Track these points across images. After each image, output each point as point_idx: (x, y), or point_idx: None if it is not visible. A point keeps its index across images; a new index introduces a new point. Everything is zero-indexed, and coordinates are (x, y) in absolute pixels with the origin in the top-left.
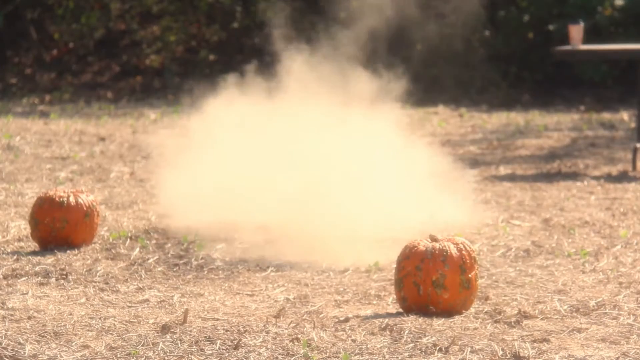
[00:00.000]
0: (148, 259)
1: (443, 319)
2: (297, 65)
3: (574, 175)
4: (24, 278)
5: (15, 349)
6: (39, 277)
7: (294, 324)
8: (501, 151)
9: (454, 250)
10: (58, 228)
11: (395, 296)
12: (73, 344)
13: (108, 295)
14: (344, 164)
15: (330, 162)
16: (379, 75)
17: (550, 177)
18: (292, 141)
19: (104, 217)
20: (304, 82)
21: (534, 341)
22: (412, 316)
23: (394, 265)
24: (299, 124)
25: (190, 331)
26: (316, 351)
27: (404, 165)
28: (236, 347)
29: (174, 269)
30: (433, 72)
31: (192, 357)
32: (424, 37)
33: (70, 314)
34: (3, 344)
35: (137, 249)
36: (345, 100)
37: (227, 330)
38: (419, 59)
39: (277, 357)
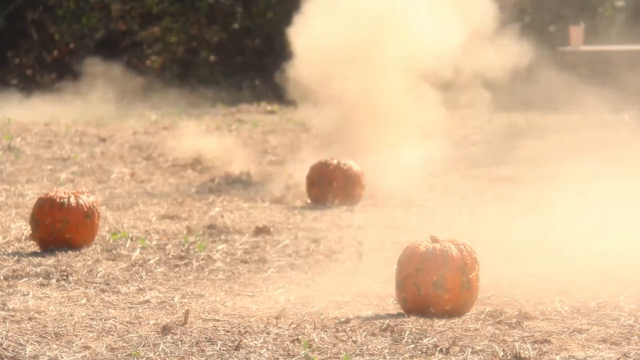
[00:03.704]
0: (149, 260)
1: (444, 320)
2: None
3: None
4: (24, 279)
5: (16, 350)
6: (40, 278)
7: (295, 325)
8: (501, 153)
9: (454, 251)
10: (59, 229)
11: (396, 297)
12: (74, 344)
13: (109, 296)
14: None
15: None
16: None
17: None
18: None
19: (104, 217)
20: None
21: (535, 342)
22: (412, 317)
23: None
24: None
25: (191, 332)
26: (317, 352)
27: None
28: (237, 348)
29: (175, 270)
30: None
31: (193, 357)
32: None
33: (71, 315)
34: (4, 345)
35: (138, 250)
36: None
37: (227, 331)
38: None
39: (277, 358)
